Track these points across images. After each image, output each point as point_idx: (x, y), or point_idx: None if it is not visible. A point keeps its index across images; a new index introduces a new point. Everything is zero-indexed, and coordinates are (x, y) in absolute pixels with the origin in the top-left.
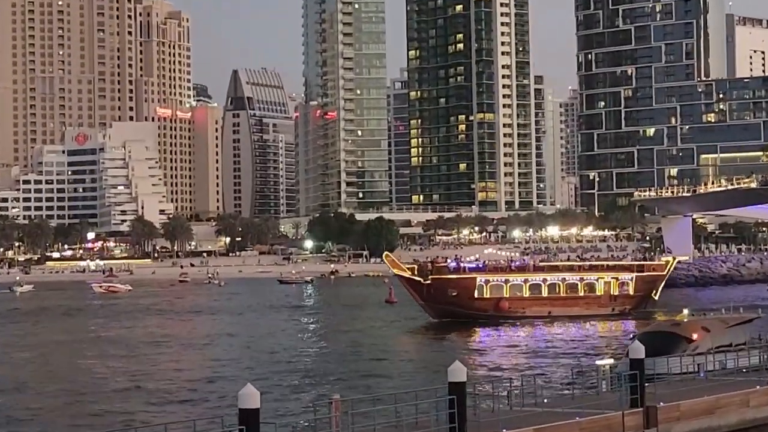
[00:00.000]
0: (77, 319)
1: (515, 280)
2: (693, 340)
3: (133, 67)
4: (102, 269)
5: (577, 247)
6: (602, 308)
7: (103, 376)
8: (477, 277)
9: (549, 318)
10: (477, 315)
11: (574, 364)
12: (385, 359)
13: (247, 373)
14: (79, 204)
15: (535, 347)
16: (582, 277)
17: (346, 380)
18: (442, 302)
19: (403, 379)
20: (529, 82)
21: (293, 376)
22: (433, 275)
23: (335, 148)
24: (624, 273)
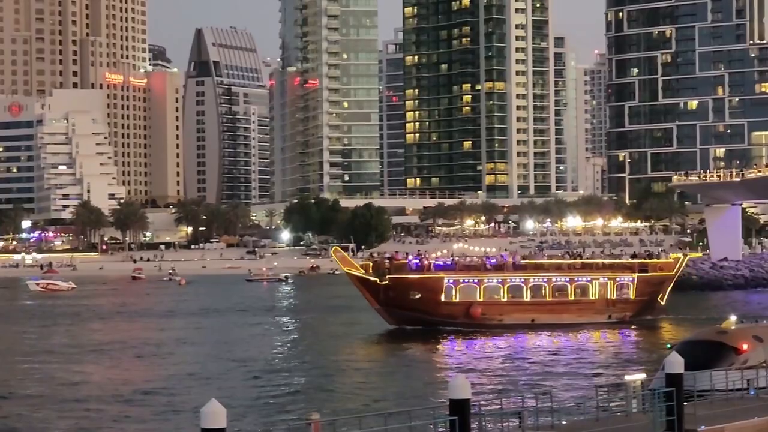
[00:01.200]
0: (8, 323)
1: (491, 281)
2: (742, 351)
3: (78, 25)
4: (40, 264)
5: (604, 241)
6: (597, 315)
7: (37, 391)
8: (444, 277)
9: (532, 327)
10: (444, 322)
11: (595, 379)
12: (371, 371)
13: (210, 388)
14: (12, 186)
15: (540, 361)
16: (572, 279)
17: (327, 396)
18: (402, 307)
19: (395, 395)
20: (547, 45)
21: (265, 391)
22: (390, 275)
23: (317, 123)
24: (623, 273)
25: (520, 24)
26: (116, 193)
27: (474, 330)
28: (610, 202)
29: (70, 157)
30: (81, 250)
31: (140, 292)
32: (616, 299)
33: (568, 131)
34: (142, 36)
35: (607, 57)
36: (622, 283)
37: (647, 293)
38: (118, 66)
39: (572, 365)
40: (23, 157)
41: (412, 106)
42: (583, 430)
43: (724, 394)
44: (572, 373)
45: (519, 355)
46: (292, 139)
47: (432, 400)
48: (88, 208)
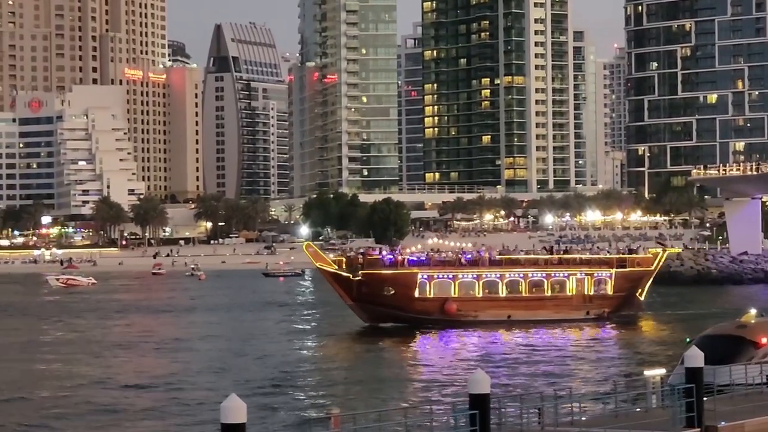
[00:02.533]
0: (27, 318)
1: (465, 276)
2: (762, 345)
3: (98, 21)
4: (60, 259)
5: (623, 235)
6: (574, 311)
7: (59, 386)
8: (418, 272)
9: (508, 323)
10: (418, 319)
11: (616, 375)
12: (390, 365)
13: (229, 382)
14: (32, 182)
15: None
16: (549, 274)
17: (347, 391)
18: (376, 303)
19: (415, 390)
20: (566, 39)
21: (284, 386)
22: (364, 270)
23: (336, 118)
24: (601, 269)
25: (539, 18)
26: (136, 188)
27: (449, 327)
28: (630, 196)
29: (89, 153)
30: (101, 245)
31: (161, 287)
32: (594, 295)
33: (587, 125)
34: (161, 32)
35: (627, 51)
36: (600, 279)
37: (626, 289)
38: (138, 62)
39: (584, 361)
40: (43, 153)
41: (430, 100)
42: (602, 426)
43: (744, 389)
44: (588, 368)
45: (528, 351)
46: (311, 134)
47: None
48: (107, 204)
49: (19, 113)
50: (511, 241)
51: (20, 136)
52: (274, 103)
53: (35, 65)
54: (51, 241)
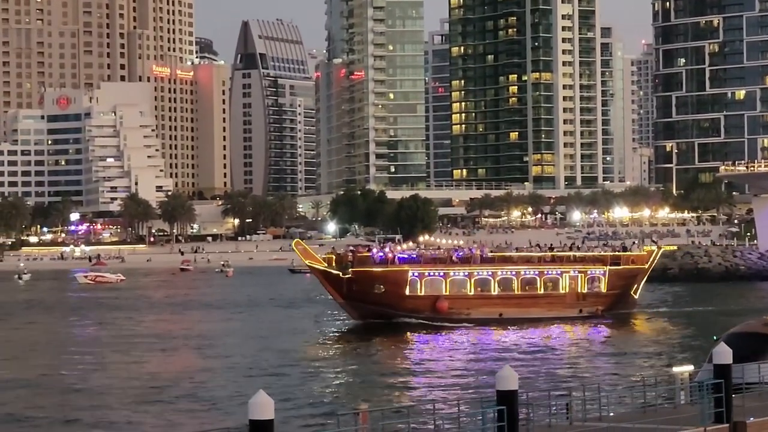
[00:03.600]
0: (55, 315)
1: (457, 274)
2: None
3: (125, 18)
4: (88, 256)
5: (651, 232)
6: (567, 309)
7: (88, 381)
8: (409, 270)
9: (500, 321)
10: (409, 317)
11: (644, 371)
12: (414, 361)
13: (257, 379)
14: (61, 179)
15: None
16: (541, 272)
17: (375, 387)
18: (366, 301)
19: (439, 387)
20: (594, 35)
21: (312, 382)
22: (354, 268)
23: (363, 114)
24: (594, 266)
25: (566, 14)
26: (164, 185)
27: (440, 325)
28: (657, 192)
29: (117, 150)
30: (129, 242)
31: (189, 284)
32: (587, 293)
33: (615, 122)
34: (189, 29)
35: (654, 47)
36: (594, 277)
37: (619, 286)
38: (166, 59)
39: (607, 357)
40: (71, 150)
41: (458, 97)
42: (631, 421)
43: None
44: (613, 364)
45: (553, 347)
46: (338, 131)
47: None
48: (135, 201)
49: (47, 110)
50: (538, 237)
51: (49, 133)
52: (301, 99)
53: (63, 62)
54: (79, 237)
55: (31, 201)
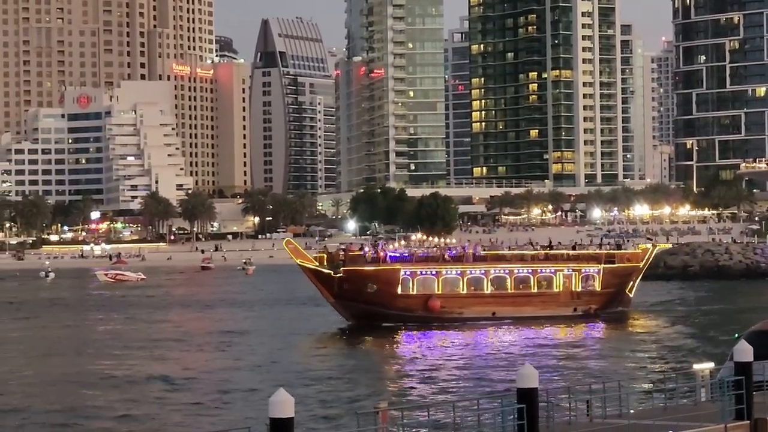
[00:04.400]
0: (77, 313)
1: (449, 272)
2: None
3: (145, 17)
4: (108, 254)
5: (671, 229)
6: (561, 308)
7: (108, 380)
8: (400, 268)
9: (493, 320)
10: (401, 316)
11: (665, 368)
12: (435, 360)
13: (277, 377)
14: (81, 178)
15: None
16: (535, 270)
17: (394, 385)
18: (358, 300)
19: (459, 384)
20: (614, 32)
21: (331, 380)
22: (345, 267)
23: (383, 112)
24: (589, 264)
25: (586, 11)
26: (184, 183)
27: (432, 324)
28: (678, 190)
29: (138, 148)
30: (149, 240)
31: (210, 282)
32: (582, 291)
33: (635, 119)
34: (208, 27)
35: (674, 44)
36: (588, 275)
37: (614, 285)
38: (186, 57)
39: (629, 355)
40: (92, 149)
41: (478, 95)
42: (651, 418)
43: None
44: (632, 362)
45: (568, 344)
46: (358, 129)
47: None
48: (156, 199)
49: (67, 109)
50: (558, 235)
51: (69, 131)
52: (320, 97)
53: (83, 61)
54: (100, 236)
55: (52, 199)
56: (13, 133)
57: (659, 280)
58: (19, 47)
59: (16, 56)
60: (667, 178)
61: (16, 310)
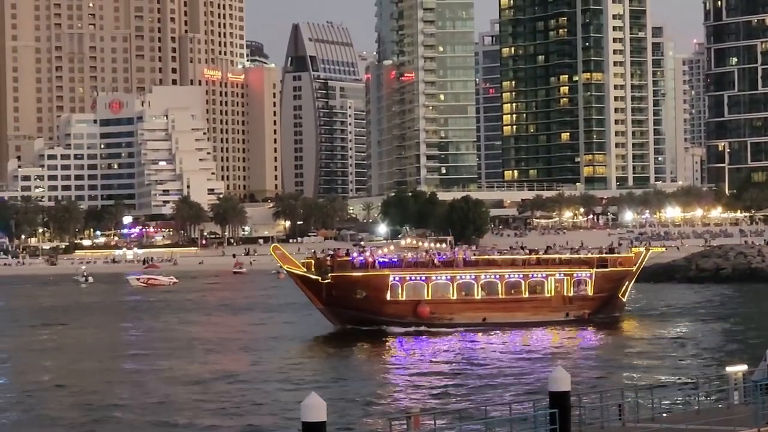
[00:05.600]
0: (110, 318)
1: (439, 278)
2: None
3: (177, 22)
4: (141, 259)
5: (703, 232)
6: (553, 313)
7: (141, 385)
8: (389, 274)
9: (484, 326)
10: (390, 322)
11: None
12: (466, 363)
13: (309, 381)
14: (113, 183)
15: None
16: (526, 275)
17: (425, 390)
18: (347, 306)
19: (492, 389)
20: (645, 35)
21: (362, 385)
22: (333, 273)
23: (413, 116)
24: (581, 269)
25: (617, 14)
26: (215, 188)
27: (421, 330)
28: (710, 192)
29: (169, 153)
30: (181, 245)
31: (242, 286)
32: (574, 296)
33: (666, 121)
34: (239, 32)
35: (706, 46)
36: (580, 279)
37: (607, 289)
38: (217, 62)
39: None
40: (124, 154)
41: (509, 98)
42: (684, 422)
43: None
44: (663, 365)
45: (596, 347)
46: (389, 133)
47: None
48: (187, 204)
49: (99, 114)
50: (590, 238)
51: (101, 137)
52: (351, 101)
53: (115, 66)
54: (132, 241)
55: (84, 205)
56: (46, 139)
57: (692, 282)
58: (51, 53)
59: (49, 62)
60: (699, 181)
61: (61, 315)
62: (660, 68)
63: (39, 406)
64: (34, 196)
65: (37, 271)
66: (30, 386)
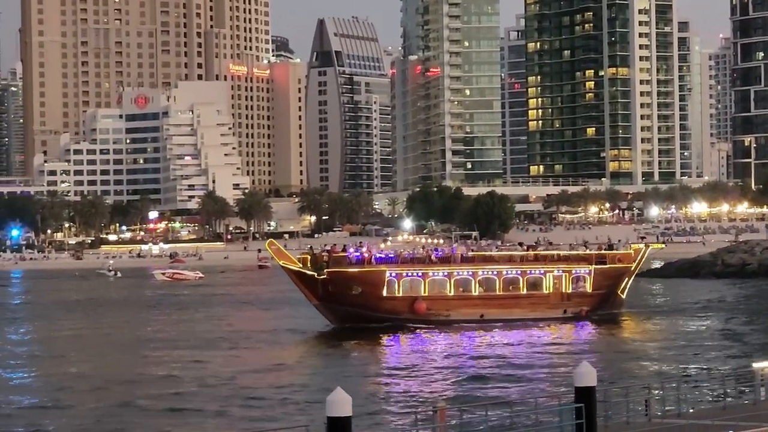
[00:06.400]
0: (139, 313)
1: (436, 274)
2: None
3: (202, 17)
4: (168, 253)
5: (729, 227)
6: (551, 310)
7: (169, 378)
8: (386, 270)
9: (481, 323)
10: (386, 318)
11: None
12: (493, 358)
13: (331, 375)
14: (139, 178)
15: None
16: (524, 271)
17: (450, 384)
18: (343, 302)
19: (521, 384)
20: (671, 30)
21: (388, 379)
22: (329, 268)
23: (439, 111)
24: (579, 266)
25: (643, 9)
26: (240, 183)
27: (418, 327)
28: (736, 187)
29: (195, 148)
30: (206, 239)
31: (267, 281)
32: (572, 293)
33: (692, 116)
34: (265, 27)
35: (732, 41)
36: (578, 276)
37: (605, 286)
38: (242, 57)
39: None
40: (149, 149)
41: (534, 93)
42: (710, 418)
43: None
44: (688, 360)
45: (622, 341)
46: (414, 128)
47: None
48: (213, 198)
49: (125, 109)
50: (616, 233)
51: (127, 132)
52: (376, 96)
53: (141, 62)
54: (158, 235)
55: (110, 199)
56: (72, 134)
57: (718, 278)
58: (77, 48)
59: (75, 57)
60: (725, 176)
61: (95, 309)
62: (686, 63)
63: (68, 399)
64: (60, 191)
65: (62, 265)
66: (60, 379)
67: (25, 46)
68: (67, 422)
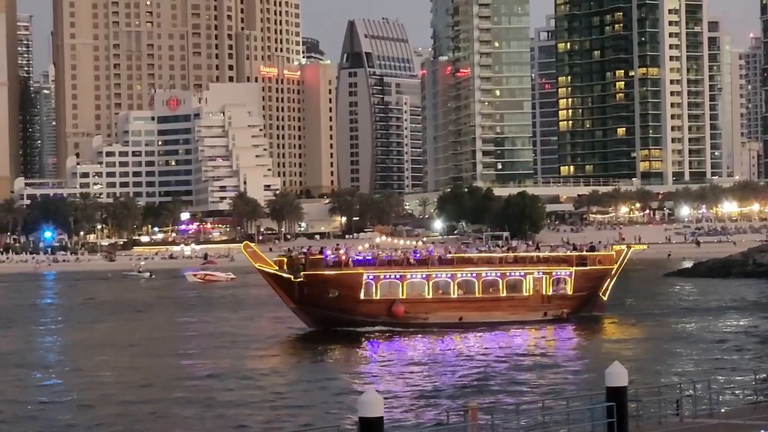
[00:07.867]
0: (171, 313)
1: (414, 276)
2: None
3: (233, 19)
4: (201, 254)
5: (761, 227)
6: (531, 312)
7: (199, 379)
8: (363, 272)
9: (460, 326)
10: (364, 322)
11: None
12: (522, 360)
13: (362, 376)
14: (171, 179)
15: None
16: (503, 273)
17: (486, 386)
18: (320, 305)
19: (546, 382)
20: (701, 29)
21: (420, 379)
22: (306, 271)
23: (469, 112)
24: (560, 267)
25: (673, 9)
26: (272, 184)
27: (396, 331)
28: (767, 187)
29: (226, 150)
30: (238, 241)
31: None
32: (552, 295)
33: (723, 116)
34: (295, 29)
35: (763, 40)
36: (559, 278)
37: (586, 288)
38: (273, 59)
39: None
40: (181, 151)
41: (564, 93)
42: (741, 418)
43: None
44: (716, 360)
45: (649, 340)
46: (445, 128)
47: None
48: (244, 200)
49: (157, 111)
50: (646, 233)
51: (159, 134)
52: (407, 97)
53: (173, 64)
54: (190, 237)
55: (142, 201)
56: (104, 136)
57: (749, 278)
58: (109, 51)
59: (107, 60)
60: (756, 176)
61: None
62: (716, 63)
63: (99, 399)
64: (93, 193)
65: (95, 267)
66: (95, 379)
67: (57, 49)
68: (102, 423)
